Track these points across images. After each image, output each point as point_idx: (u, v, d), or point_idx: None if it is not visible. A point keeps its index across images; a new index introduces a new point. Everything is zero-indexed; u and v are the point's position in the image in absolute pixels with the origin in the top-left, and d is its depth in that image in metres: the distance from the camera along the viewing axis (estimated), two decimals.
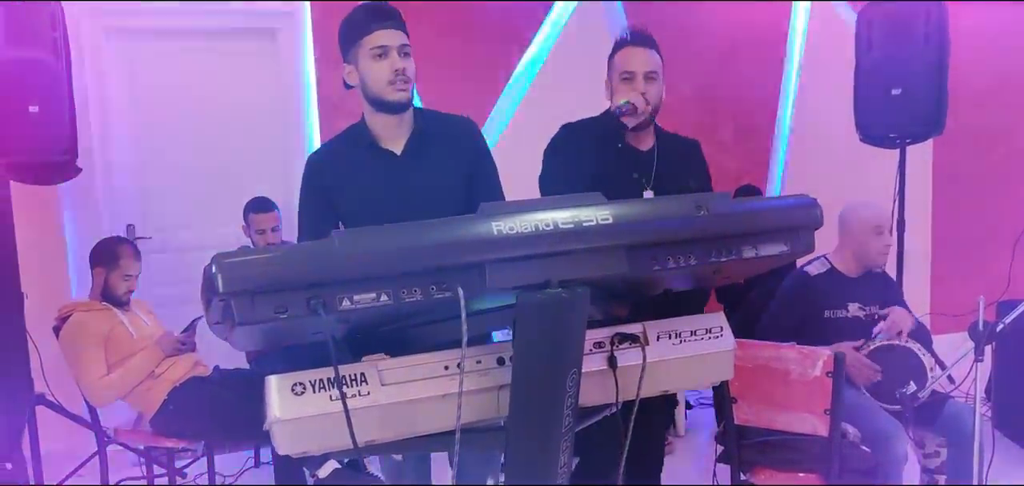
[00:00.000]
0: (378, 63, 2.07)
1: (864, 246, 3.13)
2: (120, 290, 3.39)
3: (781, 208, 1.65)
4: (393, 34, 2.08)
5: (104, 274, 3.38)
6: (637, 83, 2.44)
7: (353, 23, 2.12)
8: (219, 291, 1.31)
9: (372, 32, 2.07)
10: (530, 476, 1.60)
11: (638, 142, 2.54)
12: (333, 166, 2.17)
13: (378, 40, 2.06)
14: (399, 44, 2.09)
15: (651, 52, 2.49)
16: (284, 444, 1.54)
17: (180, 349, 3.37)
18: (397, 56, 2.08)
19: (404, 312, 1.45)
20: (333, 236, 1.36)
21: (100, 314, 3.33)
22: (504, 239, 1.42)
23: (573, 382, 1.54)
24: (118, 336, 3.31)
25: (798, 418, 2.56)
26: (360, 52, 2.09)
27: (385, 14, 2.10)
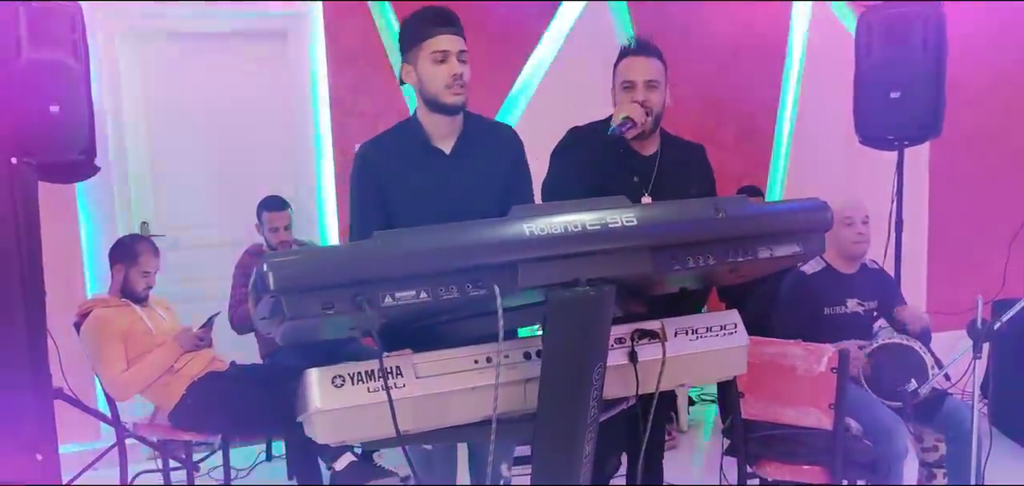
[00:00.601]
0: (438, 67, 2.14)
1: (837, 237, 3.19)
2: (139, 287, 3.46)
3: (794, 211, 1.74)
4: (453, 40, 2.15)
5: (124, 271, 3.46)
6: (638, 91, 2.51)
7: (415, 25, 2.18)
8: (270, 289, 1.39)
9: (434, 36, 2.14)
10: (556, 465, 1.69)
11: (641, 147, 2.61)
12: (384, 159, 2.25)
13: (439, 45, 2.13)
14: (458, 50, 2.16)
15: (653, 60, 2.55)
16: (324, 433, 1.62)
17: (198, 345, 3.45)
18: (456, 61, 2.15)
19: (440, 309, 1.53)
20: (376, 236, 1.45)
21: (120, 310, 3.41)
22: (535, 240, 1.51)
23: (599, 375, 1.63)
24: (137, 332, 3.39)
25: (803, 412, 2.65)
26: (420, 55, 2.16)
27: (447, 20, 2.17)
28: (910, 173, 4.93)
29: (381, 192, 2.22)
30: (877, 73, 4.43)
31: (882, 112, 4.44)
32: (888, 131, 4.52)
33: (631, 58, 2.57)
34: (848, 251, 3.21)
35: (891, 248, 4.61)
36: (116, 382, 3.33)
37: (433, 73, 2.15)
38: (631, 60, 2.56)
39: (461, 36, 2.18)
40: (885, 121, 4.47)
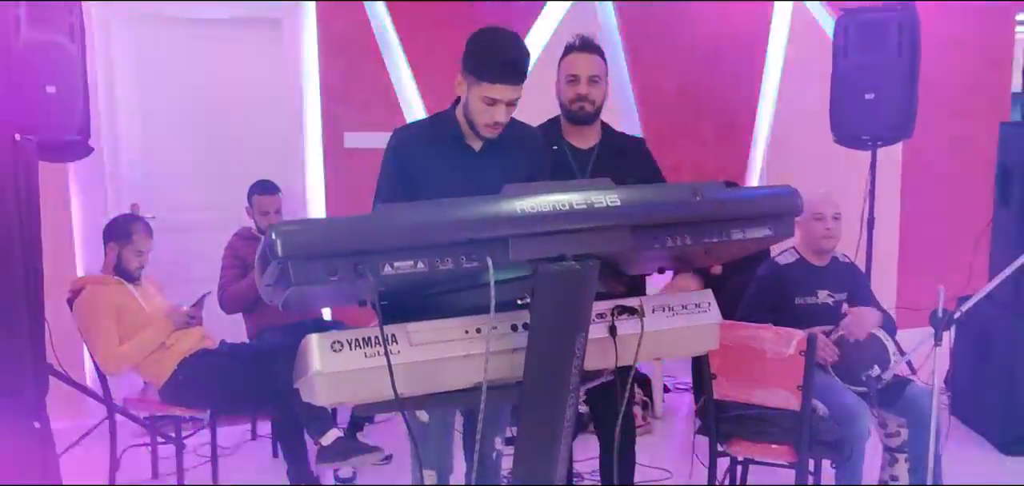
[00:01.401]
0: (485, 108, 2.23)
1: (807, 231, 3.34)
2: (133, 266, 3.54)
3: (766, 196, 1.88)
4: (507, 90, 2.21)
5: (117, 250, 3.54)
6: (581, 85, 2.75)
7: (481, 58, 2.23)
8: (278, 255, 1.49)
9: (492, 83, 2.20)
10: (540, 429, 1.81)
11: (580, 140, 2.82)
12: (418, 145, 2.37)
13: (492, 93, 2.21)
14: (509, 100, 2.24)
15: (595, 57, 2.79)
16: (323, 395, 1.72)
17: (189, 323, 3.53)
18: (502, 109, 2.24)
19: (436, 279, 1.64)
20: (378, 209, 1.56)
21: (113, 288, 3.49)
22: (526, 217, 1.63)
23: (581, 346, 1.75)
24: (130, 309, 3.47)
25: (772, 393, 2.79)
26: (474, 85, 2.23)
27: (507, 71, 2.21)
28: (883, 173, 5.10)
29: (409, 175, 2.34)
30: (853, 75, 4.59)
31: (857, 113, 4.61)
32: (862, 131, 4.69)
33: (575, 54, 2.80)
34: (817, 245, 3.35)
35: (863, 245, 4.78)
36: (108, 357, 3.41)
37: (479, 109, 2.25)
38: (575, 56, 2.79)
39: (520, 82, 2.23)
40: (859, 122, 4.64)
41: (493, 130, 2.29)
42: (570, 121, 2.82)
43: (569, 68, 2.79)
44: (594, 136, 2.83)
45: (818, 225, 3.31)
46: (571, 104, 2.78)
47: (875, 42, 4.53)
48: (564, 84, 2.80)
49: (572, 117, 2.81)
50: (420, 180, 2.32)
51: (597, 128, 2.84)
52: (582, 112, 2.78)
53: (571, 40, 2.85)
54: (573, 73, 2.77)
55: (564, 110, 2.83)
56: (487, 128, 2.28)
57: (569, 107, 2.80)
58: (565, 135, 2.82)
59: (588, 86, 2.75)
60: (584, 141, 2.82)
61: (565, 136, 2.81)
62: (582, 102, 2.76)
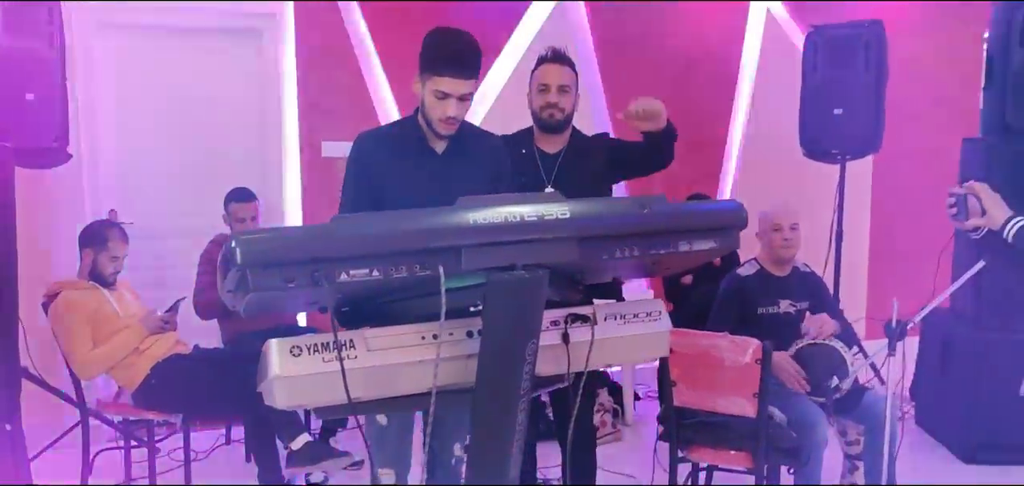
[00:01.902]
0: (437, 102, 2.30)
1: (771, 244, 3.43)
2: (107, 271, 3.59)
3: (711, 210, 1.97)
4: (457, 84, 2.27)
5: (93, 255, 3.58)
6: (551, 94, 2.93)
7: (429, 53, 2.30)
8: (238, 262, 1.55)
9: (440, 75, 2.27)
10: (493, 432, 1.88)
11: (548, 145, 2.98)
12: (381, 150, 2.43)
13: (442, 86, 2.27)
14: (460, 94, 2.29)
15: (565, 68, 2.96)
16: (281, 398, 1.78)
17: (163, 328, 3.58)
18: (454, 103, 2.30)
19: (391, 287, 1.71)
20: (334, 219, 1.63)
21: (88, 292, 3.53)
22: (478, 227, 1.70)
23: (532, 352, 1.82)
24: (104, 314, 3.51)
25: (730, 401, 2.87)
26: (426, 83, 2.30)
27: (458, 62, 2.27)
28: (853, 185, 5.20)
29: (373, 180, 2.39)
30: (822, 90, 4.70)
31: (826, 127, 4.72)
32: (831, 146, 4.80)
33: (547, 65, 2.97)
34: (777, 255, 3.44)
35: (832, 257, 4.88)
36: (82, 361, 3.45)
37: (432, 104, 2.32)
38: (547, 67, 2.97)
39: (469, 77, 2.29)
40: (828, 136, 4.75)
41: (448, 125, 2.34)
42: (541, 129, 2.98)
43: (541, 78, 2.96)
44: (562, 141, 2.98)
45: (776, 236, 3.40)
46: (542, 111, 2.94)
47: (843, 58, 4.65)
48: (536, 93, 2.96)
49: (543, 125, 2.96)
50: (384, 184, 2.38)
51: (566, 135, 2.99)
52: (552, 119, 2.93)
53: (543, 52, 3.02)
54: (544, 83, 2.93)
55: (535, 118, 2.99)
56: (442, 123, 2.33)
57: (540, 115, 2.95)
58: (536, 142, 2.98)
59: (558, 95, 2.91)
60: (553, 146, 2.97)
61: (536, 143, 2.98)
62: (552, 109, 2.92)
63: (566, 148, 2.97)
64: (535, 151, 2.96)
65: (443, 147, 2.45)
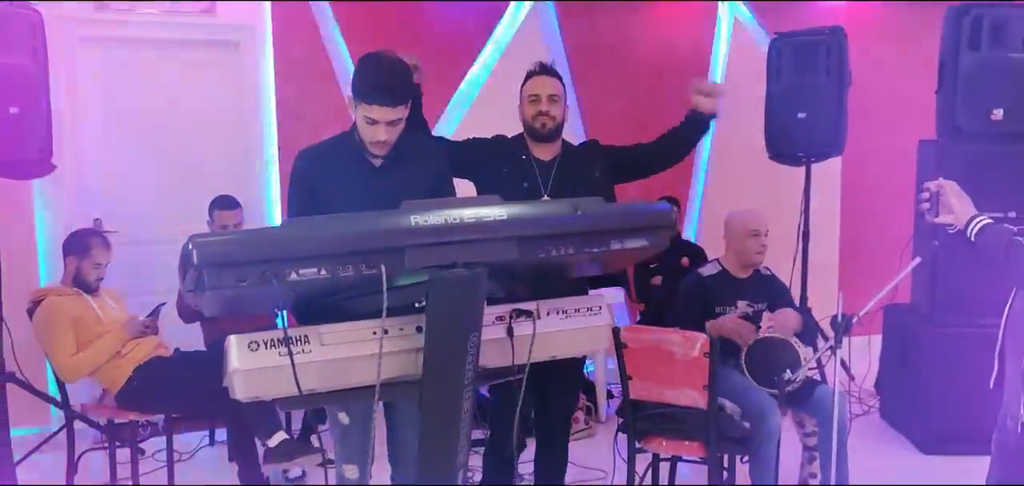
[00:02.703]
0: (368, 126, 2.39)
1: (742, 247, 3.56)
2: (90, 277, 3.71)
3: (642, 211, 2.09)
4: (384, 111, 2.34)
5: (76, 263, 3.71)
6: (542, 103, 3.04)
7: (359, 80, 2.37)
8: (194, 263, 1.69)
9: (368, 103, 2.35)
10: (440, 421, 2.01)
11: (542, 153, 3.09)
12: (320, 165, 2.52)
13: (370, 113, 2.36)
14: (388, 120, 2.35)
15: (554, 80, 3.09)
16: (241, 390, 1.91)
17: (144, 331, 3.71)
18: (382, 129, 2.38)
19: (340, 285, 1.85)
20: (284, 223, 1.76)
21: (71, 299, 3.66)
22: (420, 229, 1.84)
23: (474, 344, 1.95)
24: (87, 319, 3.64)
25: (682, 393, 3.00)
26: (357, 107, 2.39)
27: (381, 92, 2.33)
28: (823, 188, 5.35)
29: (314, 193, 2.48)
30: (785, 95, 4.83)
31: (790, 131, 4.85)
32: (796, 148, 4.93)
33: (536, 78, 3.10)
34: (750, 260, 3.57)
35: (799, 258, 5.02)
36: (66, 365, 3.57)
37: (363, 129, 2.41)
38: (536, 79, 3.10)
39: (397, 104, 2.35)
40: (793, 139, 4.88)
41: (378, 148, 2.44)
42: (534, 138, 3.09)
43: (530, 89, 3.09)
44: (555, 150, 3.11)
45: (754, 242, 3.53)
46: (534, 120, 3.06)
47: (805, 64, 4.79)
48: (527, 104, 3.08)
49: (535, 134, 3.08)
50: (324, 196, 2.46)
51: (558, 143, 3.12)
52: (544, 128, 3.05)
53: (532, 67, 3.16)
54: (535, 93, 3.06)
55: (527, 127, 3.11)
56: (373, 145, 2.43)
57: (532, 124, 3.07)
58: (531, 150, 3.09)
59: (548, 104, 3.04)
60: (546, 154, 3.09)
61: (531, 151, 3.09)
62: (544, 118, 3.04)
63: (560, 156, 3.10)
64: (532, 158, 3.07)
65: (380, 161, 2.52)
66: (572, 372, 3.13)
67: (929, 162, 4.39)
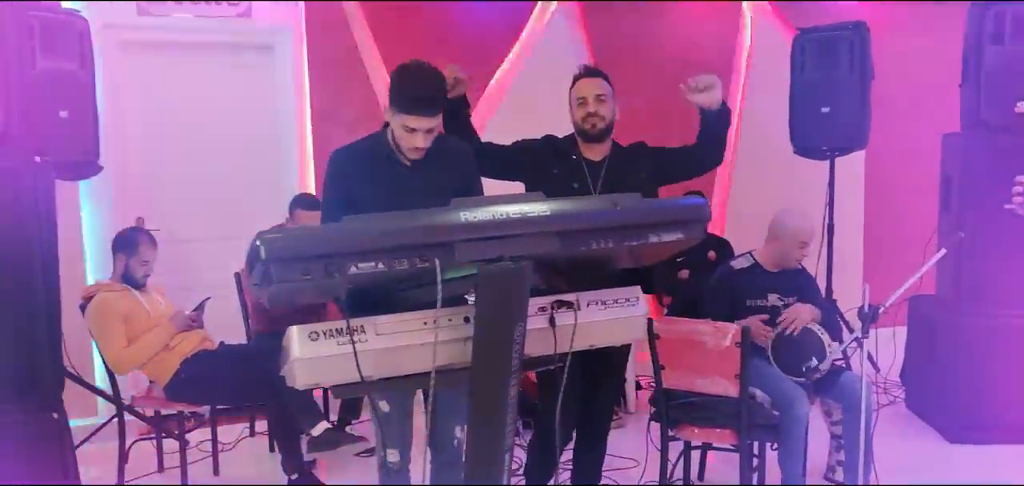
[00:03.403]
0: (405, 134, 2.51)
1: (789, 253, 3.61)
2: (139, 274, 3.86)
3: (678, 205, 2.19)
4: (423, 120, 2.47)
5: (125, 260, 3.86)
6: (589, 105, 3.11)
7: (397, 93, 2.48)
8: (261, 258, 1.81)
9: (408, 114, 2.46)
10: (487, 406, 2.12)
11: (591, 154, 3.17)
12: (353, 165, 2.64)
13: (409, 122, 2.48)
14: (426, 128, 2.49)
15: (600, 80, 3.17)
16: (302, 378, 2.03)
17: (191, 326, 3.85)
18: (420, 136, 2.50)
19: (395, 278, 1.96)
20: (345, 220, 1.88)
21: (121, 294, 3.80)
22: (469, 225, 1.95)
23: (520, 333, 2.06)
24: (136, 314, 3.79)
25: (713, 382, 3.10)
26: (395, 116, 2.50)
27: (421, 104, 2.46)
28: (847, 182, 5.42)
29: (348, 192, 2.60)
30: (809, 90, 4.92)
31: (814, 126, 4.94)
32: (820, 142, 5.02)
33: (582, 80, 3.19)
34: (789, 263, 3.63)
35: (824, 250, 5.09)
36: (117, 358, 3.72)
37: (401, 135, 2.53)
38: (583, 81, 3.18)
39: (435, 114, 2.49)
40: (817, 134, 4.97)
41: (415, 154, 2.56)
42: (583, 139, 3.17)
43: (578, 92, 3.16)
44: (605, 150, 3.18)
45: (801, 251, 3.59)
46: (583, 121, 3.13)
47: (829, 59, 4.87)
48: (575, 107, 3.16)
49: (585, 134, 3.16)
50: (357, 194, 2.57)
51: (608, 143, 3.19)
52: (594, 128, 3.12)
53: (578, 71, 3.24)
54: (582, 96, 3.14)
55: (577, 129, 3.18)
56: (410, 152, 2.56)
57: (582, 125, 3.15)
58: (581, 151, 3.17)
59: (596, 104, 3.11)
60: (596, 154, 3.17)
61: (581, 152, 3.17)
62: (593, 118, 3.11)
63: (610, 156, 3.18)
64: (582, 159, 3.16)
65: (411, 160, 2.63)
66: (619, 368, 3.23)
67: (954, 155, 4.45)
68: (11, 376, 2.86)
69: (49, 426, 2.92)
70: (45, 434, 2.92)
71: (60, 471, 2.95)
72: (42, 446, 2.91)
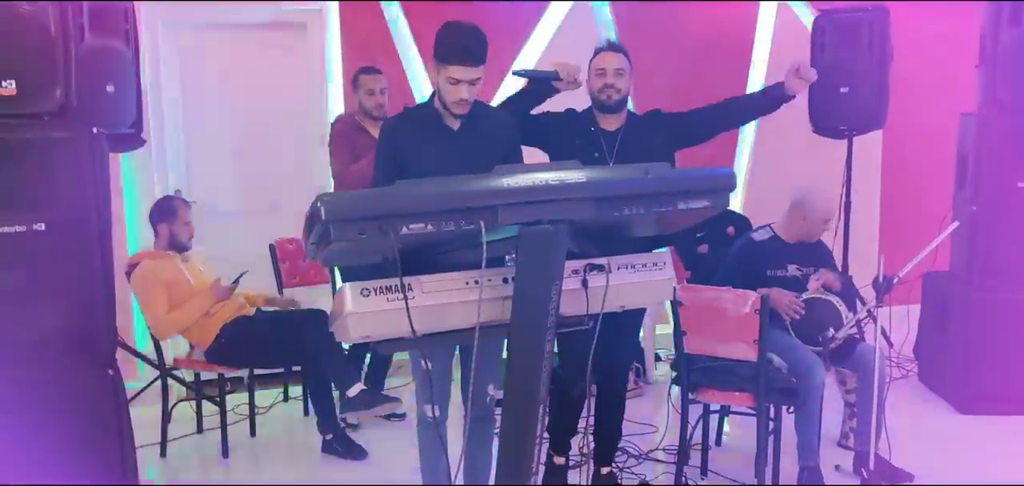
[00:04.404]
0: (450, 87, 2.67)
1: (812, 229, 3.74)
2: (184, 237, 4.04)
3: (705, 175, 2.33)
4: (468, 70, 2.62)
5: (169, 227, 4.03)
6: (608, 77, 3.28)
7: (442, 45, 2.65)
8: (322, 218, 1.96)
9: (452, 64, 2.62)
10: (526, 360, 2.28)
11: (607, 124, 3.33)
12: (404, 131, 2.82)
13: (454, 74, 2.64)
14: (471, 79, 2.64)
15: (619, 55, 3.33)
16: (355, 332, 2.19)
17: (229, 295, 4.03)
18: (465, 87, 2.65)
19: (442, 239, 2.11)
20: (398, 183, 2.04)
21: (165, 261, 3.98)
22: (511, 190, 2.10)
23: (556, 292, 2.21)
24: (179, 281, 3.97)
25: (733, 347, 3.24)
26: (441, 70, 2.66)
27: (467, 54, 2.61)
28: (864, 161, 5.51)
29: (398, 156, 2.77)
30: (829, 70, 4.99)
31: (833, 105, 5.03)
32: (839, 122, 5.11)
33: (603, 53, 3.35)
34: (810, 236, 3.76)
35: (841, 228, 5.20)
36: (160, 323, 3.91)
37: (446, 89, 2.70)
38: (603, 54, 3.34)
39: (477, 64, 2.64)
40: (836, 113, 5.06)
41: (461, 107, 2.71)
42: (600, 109, 3.34)
43: (598, 64, 3.33)
44: (620, 120, 3.34)
45: (822, 228, 3.75)
46: (600, 93, 3.30)
47: (849, 40, 4.96)
48: (594, 78, 3.32)
49: (601, 105, 3.32)
50: (408, 158, 2.75)
51: (623, 114, 3.35)
52: (609, 99, 3.29)
53: (600, 43, 3.42)
54: (601, 68, 3.30)
55: (594, 100, 3.35)
56: (455, 105, 2.71)
57: (598, 96, 3.31)
58: (598, 121, 3.34)
59: (614, 78, 3.28)
60: (611, 125, 3.33)
61: (598, 122, 3.34)
62: (609, 90, 3.28)
63: (624, 126, 3.33)
64: (599, 130, 3.32)
65: (458, 125, 2.82)
66: (633, 326, 3.39)
67: (970, 134, 4.55)
68: (74, 335, 3.03)
69: (105, 383, 3.09)
70: (103, 390, 3.08)
71: (115, 425, 3.12)
72: (100, 401, 3.08)
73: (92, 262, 3.07)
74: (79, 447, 3.04)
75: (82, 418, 3.04)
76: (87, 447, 3.06)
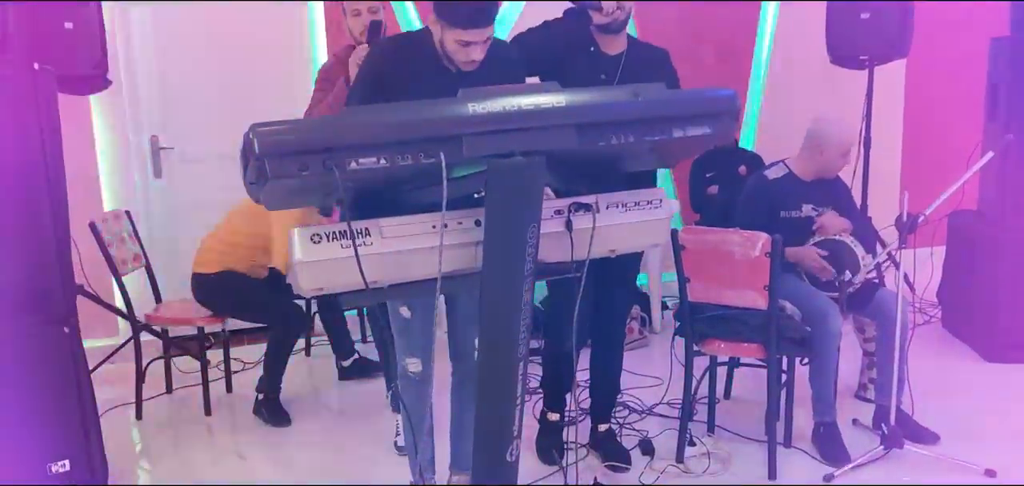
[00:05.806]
0: (460, 48, 2.32)
1: (830, 163, 3.40)
2: None
3: (705, 96, 2.02)
4: (478, 33, 2.29)
5: None
6: None
7: (450, 8, 2.29)
8: (256, 152, 1.69)
9: (463, 28, 2.28)
10: (500, 312, 2.01)
11: (608, 47, 2.97)
12: (398, 61, 2.45)
13: (465, 37, 2.29)
14: (483, 39, 2.32)
15: None
16: (304, 283, 1.93)
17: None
18: (477, 49, 2.32)
19: (399, 175, 1.83)
20: (344, 111, 1.75)
21: None
22: (478, 117, 1.81)
23: (533, 234, 1.93)
24: None
25: (742, 294, 2.95)
26: (446, 31, 2.31)
27: (478, 17, 2.28)
28: (885, 95, 5.17)
29: (384, 86, 2.38)
30: None
31: (852, 31, 4.69)
32: (859, 50, 4.77)
33: None
34: (830, 173, 3.43)
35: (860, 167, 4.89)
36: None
37: (454, 50, 2.33)
38: None
39: (490, 23, 2.31)
40: (855, 41, 4.72)
41: (472, 66, 2.37)
42: (599, 30, 2.97)
43: None
44: (621, 44, 3.00)
45: (842, 160, 3.39)
46: None
47: None
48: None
49: (605, 27, 2.94)
50: (395, 91, 2.34)
51: (623, 37, 3.01)
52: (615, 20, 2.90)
53: None
54: None
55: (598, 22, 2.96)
56: (466, 65, 2.37)
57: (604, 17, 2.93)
58: (598, 43, 2.99)
59: None
60: (612, 48, 2.99)
61: (599, 45, 2.99)
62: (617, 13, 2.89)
63: (627, 51, 3.01)
64: (598, 51, 2.99)
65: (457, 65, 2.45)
66: (628, 268, 3.10)
67: (1002, 59, 4.20)
68: (24, 291, 2.79)
69: (61, 341, 2.86)
70: (57, 348, 2.86)
71: (74, 384, 2.90)
72: (53, 360, 2.85)
73: (40, 210, 2.82)
74: (33, 408, 2.82)
75: (34, 377, 2.82)
76: (41, 408, 2.84)
